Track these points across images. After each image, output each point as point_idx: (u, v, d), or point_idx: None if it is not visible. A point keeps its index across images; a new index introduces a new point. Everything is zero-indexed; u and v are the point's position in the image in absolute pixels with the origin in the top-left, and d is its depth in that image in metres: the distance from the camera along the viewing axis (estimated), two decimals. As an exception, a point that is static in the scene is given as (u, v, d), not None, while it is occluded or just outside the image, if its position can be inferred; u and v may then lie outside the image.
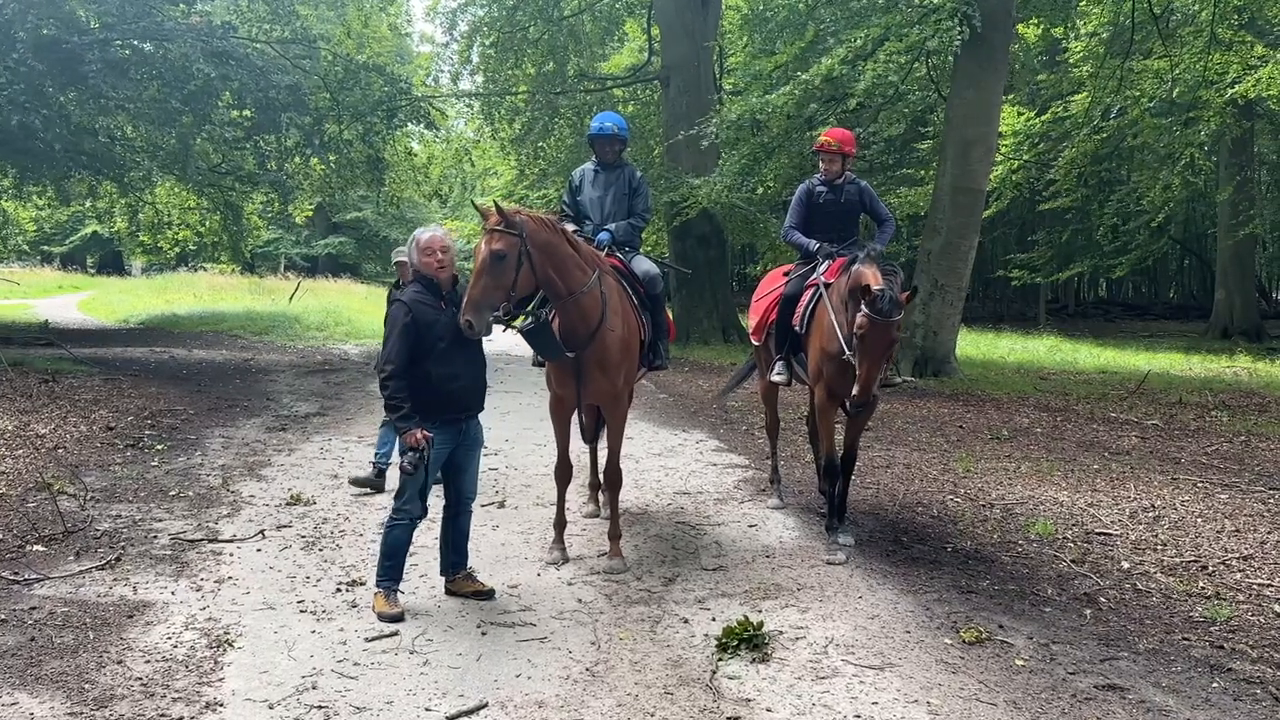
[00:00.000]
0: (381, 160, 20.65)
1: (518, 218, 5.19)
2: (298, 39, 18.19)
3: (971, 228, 14.73)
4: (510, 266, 5.10)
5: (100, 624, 5.00)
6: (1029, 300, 37.56)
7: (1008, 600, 5.50)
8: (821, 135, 7.16)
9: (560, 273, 5.41)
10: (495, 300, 5.06)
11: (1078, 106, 19.10)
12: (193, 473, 8.61)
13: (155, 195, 27.37)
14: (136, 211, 28.75)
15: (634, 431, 10.67)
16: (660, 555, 6.25)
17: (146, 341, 21.16)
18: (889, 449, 9.90)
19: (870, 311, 5.56)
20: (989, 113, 14.37)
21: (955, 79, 14.84)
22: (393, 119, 19.53)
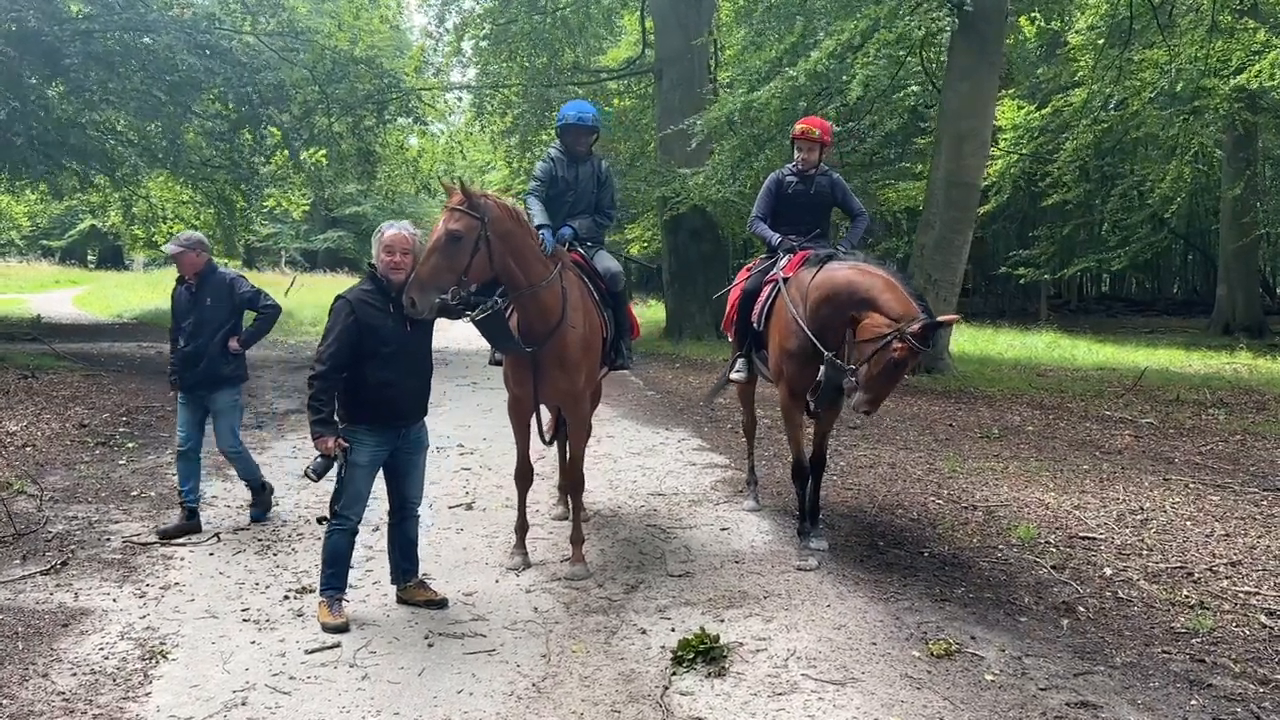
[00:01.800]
0: (373, 153, 20.42)
1: (481, 200, 4.95)
2: (284, 31, 17.95)
3: (965, 222, 14.47)
4: (465, 250, 4.85)
5: (33, 633, 4.79)
6: (1030, 296, 37.20)
7: (982, 609, 5.27)
8: (799, 123, 6.90)
9: (520, 264, 5.18)
10: (444, 283, 4.78)
11: (1077, 98, 18.80)
12: (159, 472, 8.41)
13: (148, 189, 27.21)
14: (130, 205, 28.58)
15: (616, 430, 10.48)
16: (626, 560, 6.03)
17: (135, 337, 20.99)
18: (874, 448, 9.67)
19: (912, 337, 5.08)
20: (983, 106, 14.10)
21: (949, 71, 14.57)
22: (383, 112, 19.30)
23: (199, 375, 6.51)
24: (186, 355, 6.49)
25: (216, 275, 6.58)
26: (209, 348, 6.46)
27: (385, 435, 4.96)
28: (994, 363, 18.00)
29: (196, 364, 6.48)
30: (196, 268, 6.53)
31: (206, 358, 6.46)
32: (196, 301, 6.50)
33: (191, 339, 6.46)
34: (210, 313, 6.49)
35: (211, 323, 6.48)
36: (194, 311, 6.48)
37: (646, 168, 19.48)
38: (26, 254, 53.98)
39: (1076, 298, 41.22)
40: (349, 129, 19.43)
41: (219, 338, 6.48)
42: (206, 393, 6.58)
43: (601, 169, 6.31)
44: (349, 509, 4.99)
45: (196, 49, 14.62)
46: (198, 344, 6.46)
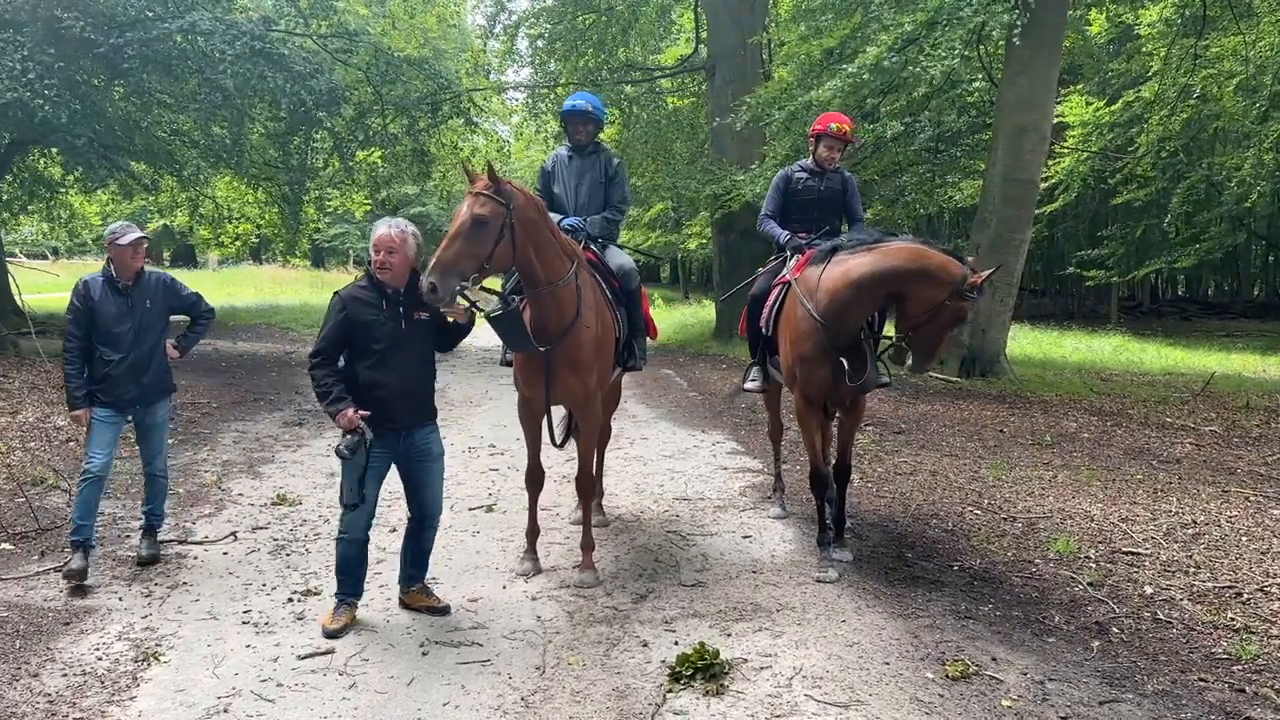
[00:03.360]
0: (427, 154, 20.52)
1: (508, 187, 4.80)
2: (338, 33, 18.10)
3: (1023, 220, 13.98)
4: (490, 236, 4.68)
5: (34, 631, 4.79)
6: (1101, 298, 36.11)
7: (1008, 628, 4.98)
8: (829, 119, 6.61)
9: (541, 258, 5.02)
10: (466, 268, 4.62)
11: (1149, 90, 18.11)
12: (192, 469, 8.46)
13: (214, 189, 27.76)
14: (197, 205, 29.20)
15: (652, 432, 10.31)
16: (639, 568, 5.85)
17: (196, 334, 21.33)
18: (917, 454, 9.34)
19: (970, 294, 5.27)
20: (1042, 99, 13.60)
21: (1007, 64, 14.09)
22: (437, 113, 19.37)
23: (142, 388, 5.74)
24: (129, 366, 5.65)
25: (148, 275, 5.81)
26: (155, 356, 5.78)
27: (386, 441, 4.83)
28: (1055, 366, 17.43)
29: (140, 375, 5.70)
30: (139, 266, 5.76)
31: (153, 368, 5.77)
32: (134, 305, 5.68)
33: (133, 347, 5.66)
34: (151, 317, 5.76)
35: (154, 328, 5.78)
36: (132, 316, 5.67)
37: (696, 166, 19.23)
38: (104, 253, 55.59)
39: (1149, 300, 39.91)
40: (404, 130, 19.53)
41: (162, 345, 5.85)
42: (144, 407, 5.83)
43: (611, 165, 6.15)
44: (354, 518, 4.87)
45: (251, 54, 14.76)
46: (140, 353, 5.68)
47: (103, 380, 5.62)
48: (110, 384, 5.63)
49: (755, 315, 6.51)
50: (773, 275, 6.50)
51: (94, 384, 5.63)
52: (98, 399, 5.65)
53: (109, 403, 5.67)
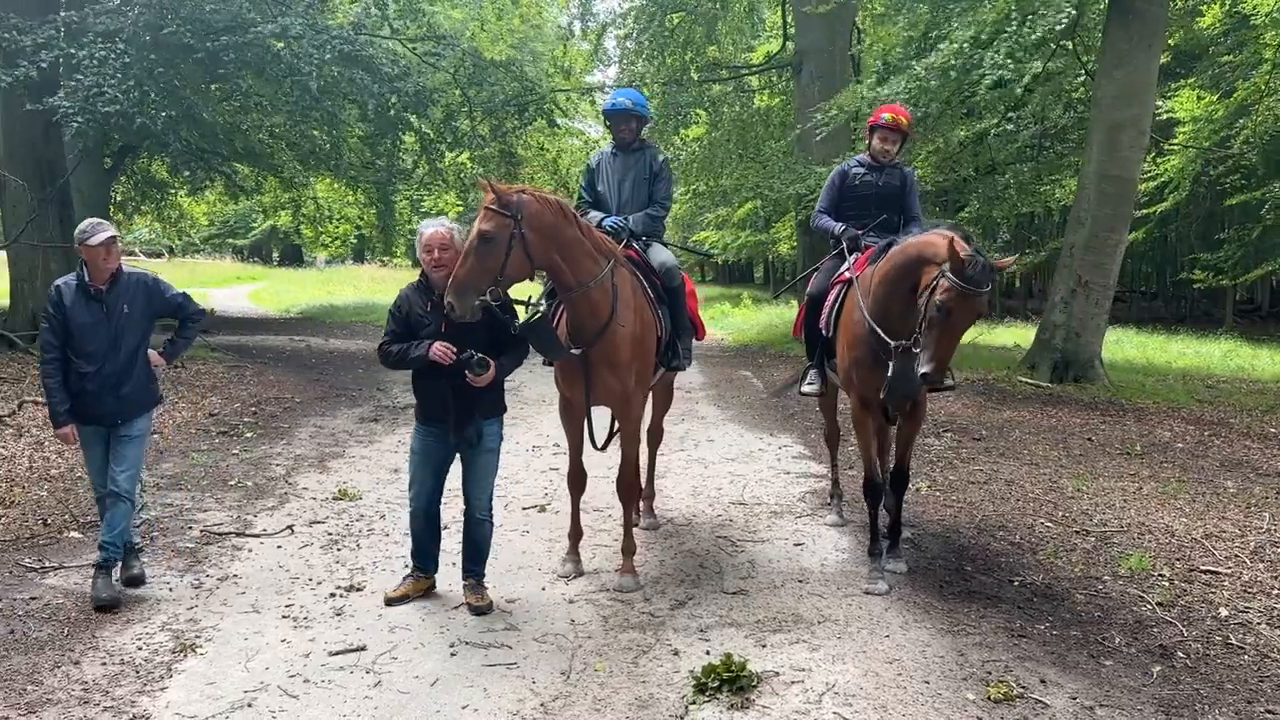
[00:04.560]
0: (514, 155, 20.72)
1: (515, 197, 4.80)
2: (426, 36, 18.42)
3: (1120, 220, 13.35)
4: (498, 249, 4.71)
5: (83, 619, 4.93)
6: (1216, 300, 34.40)
7: (1063, 649, 4.71)
8: (885, 110, 6.39)
9: (568, 260, 5.00)
10: (481, 284, 4.69)
11: (1260, 78, 17.15)
12: (264, 462, 8.66)
13: (315, 190, 28.62)
14: (299, 206, 30.17)
15: (719, 434, 10.16)
16: (683, 573, 5.74)
17: (292, 331, 21.99)
18: (995, 462, 8.98)
19: (959, 280, 4.69)
20: (1141, 94, 12.96)
21: (1103, 57, 13.48)
22: (523, 114, 19.55)
23: (120, 401, 5.18)
24: (105, 378, 5.11)
25: (126, 276, 5.24)
26: (134, 366, 5.21)
27: (431, 428, 5.09)
28: (1158, 372, 16.64)
29: (118, 388, 5.14)
30: (113, 267, 5.19)
31: (132, 379, 5.19)
32: (110, 310, 5.13)
33: (107, 358, 5.11)
34: (129, 322, 5.19)
35: (134, 334, 5.21)
36: (109, 323, 5.12)
37: (778, 165, 18.95)
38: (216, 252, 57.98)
39: (1269, 303, 37.85)
40: (491, 131, 19.77)
41: (143, 352, 5.28)
42: (123, 420, 5.23)
43: (656, 161, 6.04)
44: (411, 491, 5.22)
45: (340, 58, 15.11)
46: (116, 363, 5.13)
47: (79, 395, 5.11)
48: (86, 399, 5.11)
49: (814, 316, 6.33)
50: (830, 274, 6.31)
51: (73, 399, 5.12)
52: (79, 414, 5.16)
53: (86, 418, 5.17)
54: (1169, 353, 20.14)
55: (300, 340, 19.64)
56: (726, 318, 26.41)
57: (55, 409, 5.13)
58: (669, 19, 21.59)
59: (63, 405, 5.11)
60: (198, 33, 14.14)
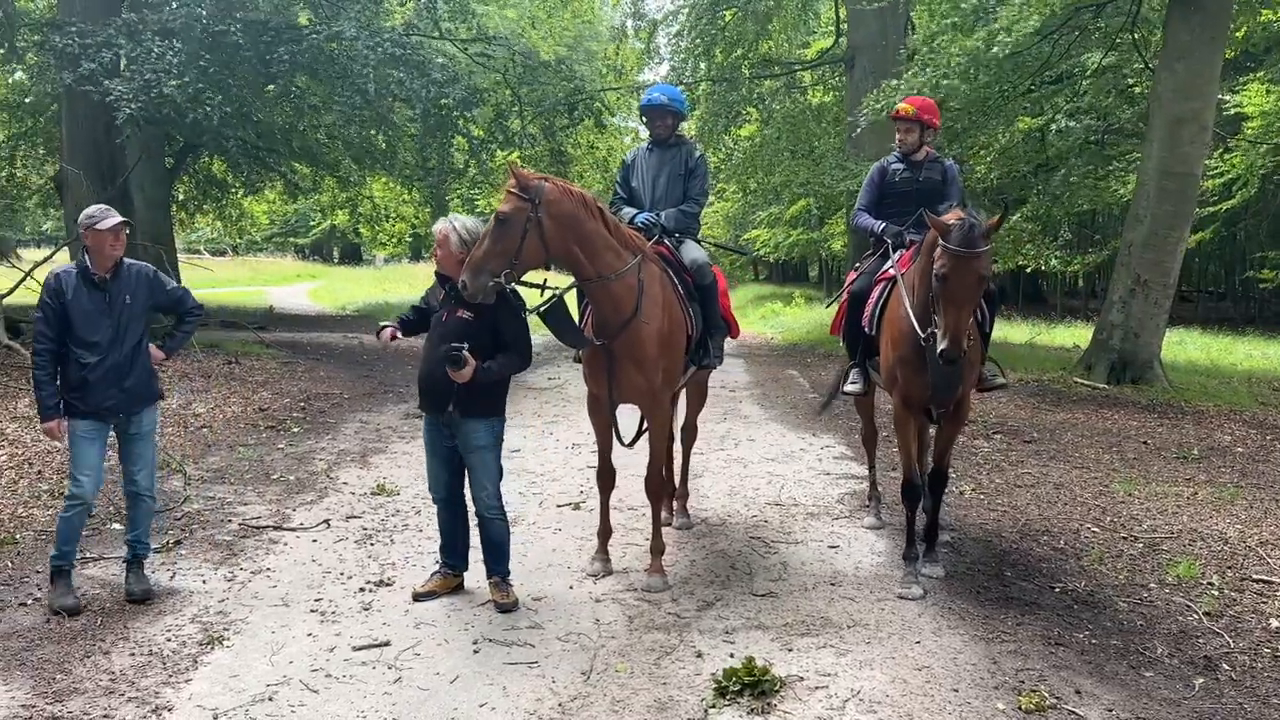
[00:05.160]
0: (564, 154, 20.77)
1: (535, 183, 4.82)
2: (477, 38, 18.53)
3: (1181, 217, 12.95)
4: (514, 233, 4.73)
5: (116, 610, 5.00)
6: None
7: (1101, 659, 4.56)
8: (900, 101, 6.30)
9: (587, 252, 4.98)
10: (495, 266, 4.70)
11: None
12: (308, 457, 8.75)
13: (371, 189, 28.99)
14: (356, 205, 30.58)
15: (760, 433, 10.06)
16: (713, 574, 5.66)
17: (347, 327, 22.28)
18: (1045, 465, 8.76)
19: (948, 244, 4.72)
20: (1203, 87, 12.54)
21: (1164, 50, 13.07)
22: (573, 113, 19.59)
23: (125, 394, 5.07)
24: (109, 369, 4.99)
25: (128, 267, 5.13)
26: (138, 358, 5.12)
27: (430, 419, 5.16)
28: (1222, 374, 16.13)
29: (122, 379, 5.03)
30: (119, 255, 5.08)
31: (135, 371, 5.09)
32: (112, 300, 5.02)
33: (112, 348, 5.00)
34: (131, 313, 5.10)
35: (136, 326, 5.13)
36: (111, 313, 5.01)
37: (832, 160, 18.73)
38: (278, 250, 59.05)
39: (1346, 303, 36.49)
40: (542, 131, 19.84)
41: (145, 345, 5.21)
42: (128, 415, 5.13)
43: (692, 157, 5.97)
44: (428, 485, 5.34)
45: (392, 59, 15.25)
46: (120, 354, 5.03)
47: (79, 387, 4.94)
48: (88, 391, 4.95)
49: (856, 314, 6.22)
50: (873, 272, 6.20)
51: (70, 392, 4.96)
52: (76, 409, 4.98)
53: (89, 413, 4.99)
54: (1235, 354, 19.54)
55: (353, 337, 19.87)
56: (777, 316, 26.22)
57: (45, 402, 4.93)
58: (722, 16, 21.46)
59: (53, 399, 4.93)
60: (251, 33, 14.38)
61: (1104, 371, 13.43)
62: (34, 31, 14.34)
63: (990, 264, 4.86)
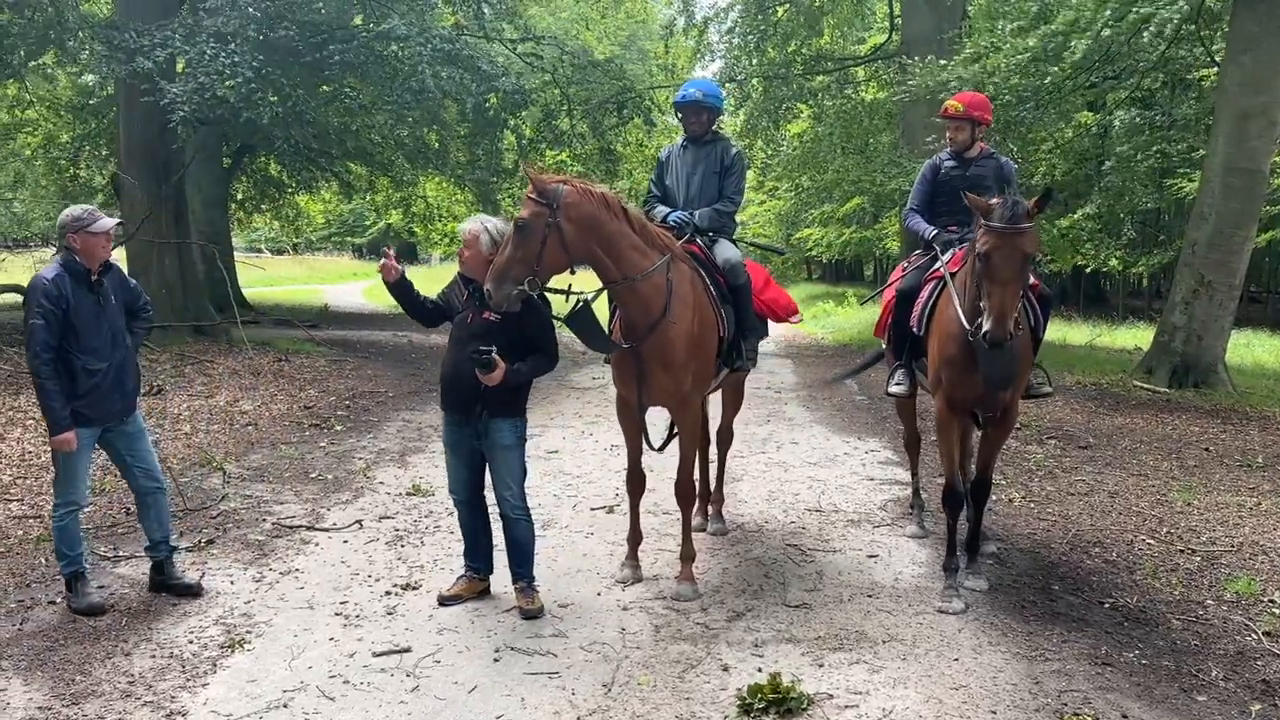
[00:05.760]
0: (614, 152, 20.68)
1: (553, 186, 4.71)
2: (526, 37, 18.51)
3: (1247, 215, 12.46)
4: (534, 238, 4.64)
5: (141, 610, 5.00)
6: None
7: (1152, 680, 4.32)
8: (949, 99, 6.08)
9: (610, 253, 4.87)
10: (517, 274, 4.63)
11: None
12: (348, 455, 8.75)
13: (424, 189, 29.19)
14: (409, 204, 30.81)
15: (803, 436, 9.85)
16: (745, 582, 5.50)
17: (397, 326, 22.41)
18: (1100, 472, 8.44)
19: (991, 223, 4.67)
20: (1271, 81, 12.01)
21: (1230, 43, 12.58)
22: (622, 111, 19.49)
23: (126, 397, 5.03)
24: (112, 374, 4.91)
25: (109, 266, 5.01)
26: (129, 358, 5.06)
27: (449, 416, 5.09)
28: (1293, 378, 15.53)
29: (123, 383, 4.98)
30: (107, 257, 4.96)
31: (130, 371, 5.05)
32: (104, 302, 4.89)
33: (110, 354, 4.90)
34: (117, 315, 5.00)
35: (122, 324, 5.05)
36: (105, 315, 4.89)
37: (885, 157, 18.39)
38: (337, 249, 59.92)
39: None
40: (591, 129, 19.78)
41: (130, 343, 5.11)
42: (120, 418, 5.03)
43: (728, 154, 5.81)
44: (449, 485, 5.24)
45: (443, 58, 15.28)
46: (119, 356, 4.96)
47: (88, 395, 4.81)
48: (96, 398, 4.84)
49: (903, 313, 6.01)
50: (923, 271, 5.99)
51: (78, 400, 4.79)
52: (82, 417, 4.83)
53: (90, 419, 4.87)
54: (1307, 357, 18.82)
55: (402, 335, 20.01)
56: (829, 317, 25.87)
57: (59, 414, 4.72)
58: (774, 12, 21.23)
59: (64, 410, 4.73)
60: (305, 34, 14.50)
61: (1165, 375, 12.99)
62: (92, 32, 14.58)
63: (1035, 244, 4.72)
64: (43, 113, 22.11)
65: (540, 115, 18.73)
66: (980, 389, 5.17)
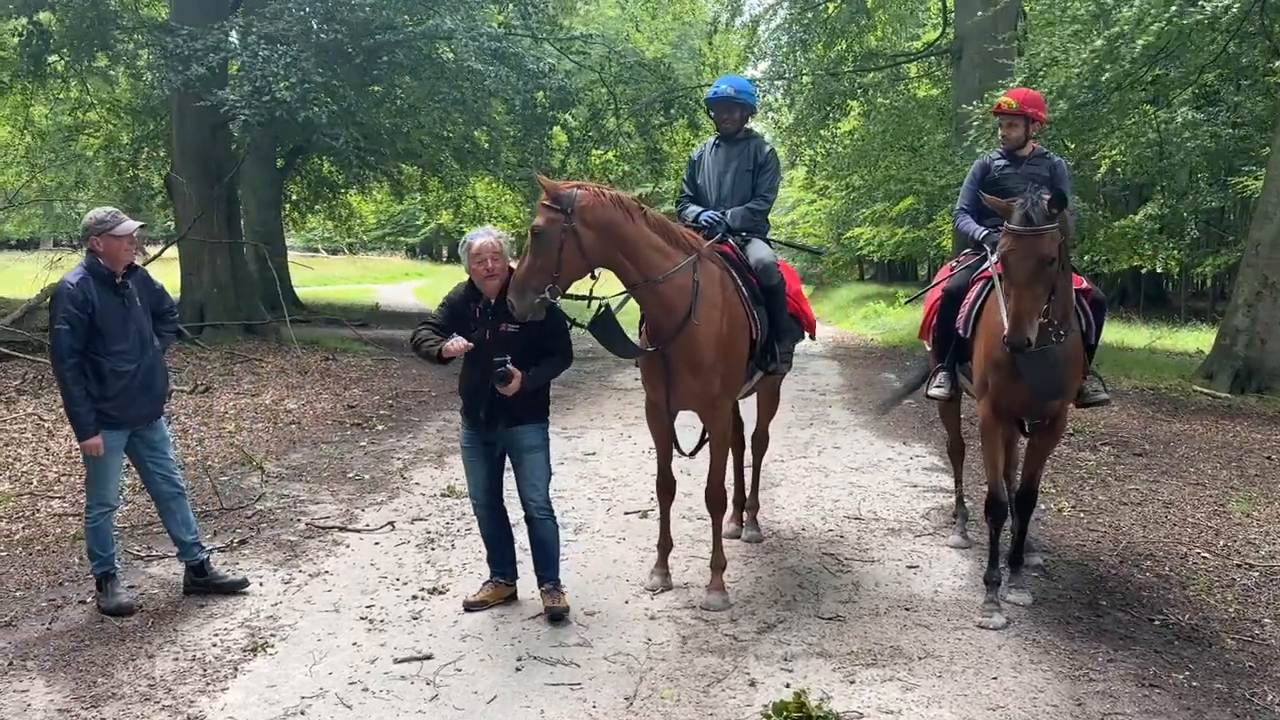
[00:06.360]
0: (660, 152, 20.58)
1: (566, 191, 4.65)
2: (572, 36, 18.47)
3: (1316, 214, 12.00)
4: (551, 245, 4.58)
5: (168, 612, 5.00)
6: None
7: (1202, 704, 4.10)
8: (1002, 95, 5.87)
9: (630, 256, 4.78)
10: (538, 283, 4.58)
11: None
12: (386, 455, 8.76)
13: (475, 189, 29.32)
14: (459, 205, 30.99)
15: (846, 440, 9.65)
16: (778, 593, 5.36)
17: (445, 325, 22.50)
18: (1154, 481, 8.14)
19: (1010, 224, 4.60)
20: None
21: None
22: (669, 110, 19.37)
23: (154, 400, 5.06)
24: (141, 376, 4.92)
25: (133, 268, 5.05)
26: (158, 360, 5.09)
27: (472, 428, 5.01)
28: (1364, 383, 14.90)
29: (151, 385, 5.00)
30: (131, 259, 4.99)
31: (159, 373, 5.08)
32: (129, 304, 4.90)
33: (139, 356, 4.91)
34: (143, 317, 5.01)
35: (148, 326, 5.05)
36: (131, 317, 4.90)
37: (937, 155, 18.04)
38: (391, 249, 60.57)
39: None
40: (637, 129, 19.69)
41: (157, 345, 5.14)
42: (148, 421, 5.05)
43: (762, 152, 5.67)
44: (469, 487, 5.16)
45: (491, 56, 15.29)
46: (148, 358, 4.98)
47: (117, 397, 4.83)
48: (124, 401, 4.87)
49: (949, 314, 5.83)
50: (972, 271, 5.80)
51: (106, 403, 4.81)
52: (109, 420, 4.84)
53: (119, 422, 4.89)
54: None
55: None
56: (879, 317, 25.49)
57: (84, 419, 4.74)
58: (824, 8, 20.95)
59: (91, 415, 4.75)
60: (355, 35, 14.60)
61: (1227, 380, 12.55)
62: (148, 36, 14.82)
63: (1053, 246, 4.52)
64: (103, 115, 22.55)
65: (587, 114, 18.68)
66: (1027, 395, 5.00)
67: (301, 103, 13.46)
